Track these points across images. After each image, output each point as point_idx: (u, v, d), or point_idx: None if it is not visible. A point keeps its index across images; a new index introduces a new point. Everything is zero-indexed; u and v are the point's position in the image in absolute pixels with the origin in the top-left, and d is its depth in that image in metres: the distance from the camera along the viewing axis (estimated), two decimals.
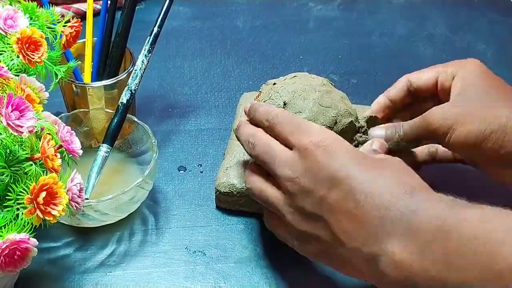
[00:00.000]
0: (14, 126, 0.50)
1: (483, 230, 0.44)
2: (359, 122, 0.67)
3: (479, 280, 0.43)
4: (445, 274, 0.45)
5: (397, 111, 0.67)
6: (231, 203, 0.69)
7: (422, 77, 0.65)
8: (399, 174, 0.52)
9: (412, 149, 0.66)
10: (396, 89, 0.66)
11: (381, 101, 0.67)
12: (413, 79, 0.66)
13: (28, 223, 0.50)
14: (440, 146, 0.62)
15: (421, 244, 0.46)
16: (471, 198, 0.48)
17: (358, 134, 0.64)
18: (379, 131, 0.64)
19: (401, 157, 0.58)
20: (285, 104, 0.64)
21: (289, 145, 0.55)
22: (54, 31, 0.63)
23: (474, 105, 0.59)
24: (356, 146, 0.64)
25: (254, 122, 0.60)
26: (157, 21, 0.69)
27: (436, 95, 0.65)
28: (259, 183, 0.58)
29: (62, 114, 0.69)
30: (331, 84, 0.68)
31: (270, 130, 0.58)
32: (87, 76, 0.73)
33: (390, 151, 0.63)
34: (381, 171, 0.51)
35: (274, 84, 0.67)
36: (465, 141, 0.58)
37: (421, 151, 0.68)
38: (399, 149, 0.63)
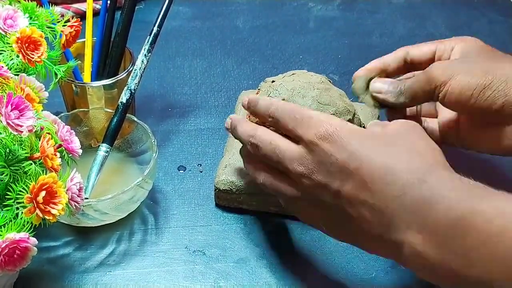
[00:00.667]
0: (13, 125, 0.50)
1: (502, 224, 0.44)
2: (358, 119, 0.67)
3: (502, 277, 0.43)
4: (466, 269, 0.45)
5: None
6: (230, 201, 0.69)
7: (420, 49, 0.65)
8: (413, 149, 0.50)
9: None
10: (393, 57, 0.66)
11: (375, 64, 0.67)
12: (411, 50, 0.66)
13: (27, 222, 0.51)
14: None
15: (439, 238, 0.46)
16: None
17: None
18: (380, 84, 0.64)
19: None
20: (284, 101, 0.64)
21: (295, 139, 0.55)
22: (53, 30, 0.63)
23: (475, 60, 0.60)
24: None
25: (254, 116, 0.59)
26: (156, 21, 0.69)
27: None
28: (272, 180, 0.57)
29: (62, 114, 0.69)
30: (330, 81, 0.68)
31: (273, 124, 0.57)
32: (86, 76, 0.73)
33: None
34: (392, 151, 0.50)
35: (273, 82, 0.67)
36: (463, 91, 0.57)
37: None
38: (396, 105, 0.63)
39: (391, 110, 0.66)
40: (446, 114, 0.66)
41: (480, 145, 0.63)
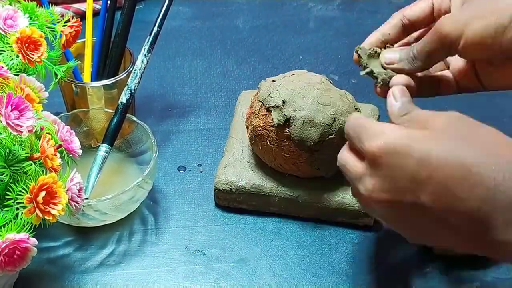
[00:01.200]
0: (13, 125, 0.50)
1: None
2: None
3: None
4: None
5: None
6: (230, 201, 0.69)
7: (416, 8, 0.61)
8: (480, 141, 0.47)
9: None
10: (390, 24, 0.62)
11: (374, 37, 0.63)
12: (406, 11, 0.62)
13: (27, 222, 0.51)
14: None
15: None
16: None
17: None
18: (391, 54, 0.60)
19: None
20: (284, 102, 0.64)
21: (361, 155, 0.52)
22: (53, 30, 0.63)
23: (480, 2, 0.55)
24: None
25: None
26: (156, 21, 0.69)
27: (433, 23, 0.61)
28: (359, 199, 0.54)
29: (62, 114, 0.69)
30: (330, 82, 0.68)
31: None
32: (86, 76, 0.73)
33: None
34: (462, 147, 0.46)
35: (273, 81, 0.68)
36: (482, 39, 0.53)
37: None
38: (412, 72, 0.59)
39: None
40: (458, 62, 0.62)
41: (501, 82, 0.59)
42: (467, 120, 0.50)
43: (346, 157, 0.54)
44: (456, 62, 0.62)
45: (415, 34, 0.63)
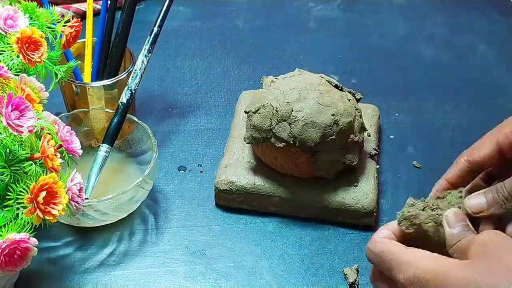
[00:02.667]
0: (14, 125, 0.50)
1: None
2: (358, 121, 0.67)
3: None
4: None
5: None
6: (230, 201, 0.69)
7: (481, 150, 0.57)
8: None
9: None
10: (456, 170, 0.59)
11: (442, 185, 0.60)
12: (472, 155, 0.58)
13: (28, 222, 0.51)
14: None
15: None
16: None
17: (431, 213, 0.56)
18: (477, 199, 0.55)
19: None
20: (288, 103, 0.64)
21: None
22: (54, 31, 0.63)
23: None
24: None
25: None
26: (157, 21, 0.69)
27: (503, 162, 0.57)
28: None
29: (62, 114, 0.69)
30: (331, 83, 0.68)
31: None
32: (87, 76, 0.73)
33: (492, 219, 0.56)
34: (491, 276, 0.47)
35: (273, 81, 0.68)
36: None
37: None
38: (505, 214, 0.54)
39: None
40: None
41: None
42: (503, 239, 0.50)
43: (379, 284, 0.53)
44: None
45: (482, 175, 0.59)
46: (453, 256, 0.52)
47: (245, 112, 0.68)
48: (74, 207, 0.54)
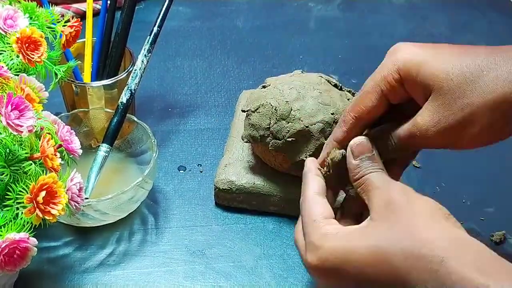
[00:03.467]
0: (13, 125, 0.50)
1: None
2: None
3: None
4: None
5: None
6: (230, 200, 0.69)
7: (367, 102, 0.55)
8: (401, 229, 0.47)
9: None
10: (344, 129, 0.57)
11: (331, 147, 0.58)
12: (358, 110, 0.56)
13: (27, 222, 0.51)
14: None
15: None
16: None
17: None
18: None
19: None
20: (287, 102, 0.64)
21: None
22: (54, 30, 0.63)
23: (464, 92, 0.50)
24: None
25: None
26: (157, 20, 0.69)
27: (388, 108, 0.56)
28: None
29: (62, 114, 0.69)
30: (330, 83, 0.68)
31: None
32: (86, 76, 0.73)
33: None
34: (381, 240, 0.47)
35: (270, 85, 0.68)
36: (483, 135, 0.50)
37: None
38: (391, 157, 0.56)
39: None
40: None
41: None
42: (406, 198, 0.49)
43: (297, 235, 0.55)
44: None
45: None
46: (357, 190, 0.52)
47: (243, 111, 0.68)
48: (74, 207, 0.54)
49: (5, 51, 0.59)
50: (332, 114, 0.64)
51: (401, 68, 0.54)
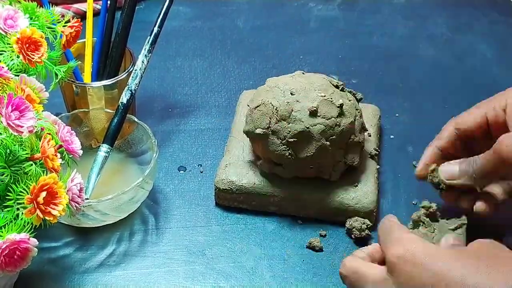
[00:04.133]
0: (14, 126, 0.50)
1: None
2: (359, 121, 0.67)
3: None
4: None
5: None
6: (230, 200, 0.69)
7: (468, 119, 0.62)
8: (494, 263, 0.49)
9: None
10: (445, 137, 0.63)
11: (431, 152, 0.64)
12: (459, 121, 0.62)
13: (28, 223, 0.51)
14: None
15: None
16: None
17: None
18: (451, 167, 0.61)
19: (479, 198, 0.58)
20: (288, 103, 0.64)
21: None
22: (54, 31, 0.63)
23: None
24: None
25: None
26: (157, 21, 0.69)
27: (489, 133, 0.61)
28: None
29: (62, 114, 0.69)
30: (332, 84, 0.68)
31: None
32: (87, 76, 0.73)
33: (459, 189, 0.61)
34: (476, 266, 0.49)
35: (273, 84, 0.68)
36: None
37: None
38: (473, 187, 0.60)
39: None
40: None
41: None
42: (495, 245, 0.51)
43: (360, 265, 0.55)
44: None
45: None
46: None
47: (248, 105, 0.68)
48: (74, 208, 0.54)
49: (5, 52, 0.59)
50: (333, 115, 0.64)
51: (509, 102, 0.59)
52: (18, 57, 0.58)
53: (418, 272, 0.50)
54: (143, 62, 0.69)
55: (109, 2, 0.73)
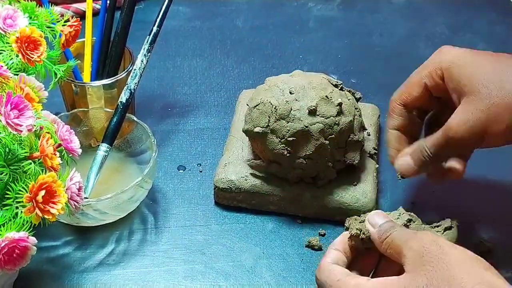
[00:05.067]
0: (13, 125, 0.50)
1: None
2: (358, 120, 0.67)
3: None
4: None
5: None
6: (230, 199, 0.69)
7: (412, 92, 0.62)
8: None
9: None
10: (397, 116, 0.64)
11: (393, 136, 0.64)
12: (404, 98, 0.63)
13: (27, 221, 0.51)
14: None
15: None
16: None
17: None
18: (403, 161, 0.62)
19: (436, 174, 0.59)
20: (287, 102, 0.64)
21: None
22: (53, 30, 0.63)
23: (491, 93, 0.56)
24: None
25: None
26: (156, 20, 0.69)
27: (432, 99, 0.63)
28: None
29: (62, 113, 0.69)
30: (331, 83, 0.68)
31: None
32: (86, 76, 0.73)
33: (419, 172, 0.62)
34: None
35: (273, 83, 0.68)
36: (509, 133, 0.56)
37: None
38: (429, 167, 0.61)
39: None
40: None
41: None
42: (439, 247, 0.49)
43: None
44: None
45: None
46: (386, 253, 0.52)
47: (247, 104, 0.68)
48: (73, 206, 0.54)
49: (4, 51, 0.59)
50: (332, 114, 0.64)
51: (444, 68, 0.60)
52: (17, 56, 0.58)
53: None
54: (142, 61, 0.69)
55: (108, 1, 0.73)
